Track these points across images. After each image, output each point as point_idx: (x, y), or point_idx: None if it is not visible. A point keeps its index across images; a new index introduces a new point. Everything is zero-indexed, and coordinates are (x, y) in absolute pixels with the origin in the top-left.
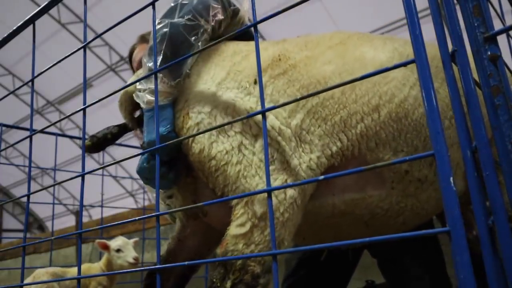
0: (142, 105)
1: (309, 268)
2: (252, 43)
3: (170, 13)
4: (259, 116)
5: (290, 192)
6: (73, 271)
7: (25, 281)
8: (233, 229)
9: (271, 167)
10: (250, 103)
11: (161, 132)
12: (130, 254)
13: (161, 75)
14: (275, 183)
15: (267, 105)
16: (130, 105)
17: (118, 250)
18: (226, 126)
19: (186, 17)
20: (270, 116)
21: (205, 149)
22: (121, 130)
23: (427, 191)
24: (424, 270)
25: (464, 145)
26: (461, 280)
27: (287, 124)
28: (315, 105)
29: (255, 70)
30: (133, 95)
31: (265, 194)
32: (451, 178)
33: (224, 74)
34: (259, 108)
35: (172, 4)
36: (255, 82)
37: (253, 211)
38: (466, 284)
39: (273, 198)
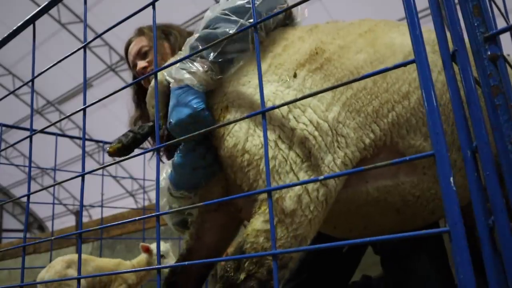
0: (173, 84)
1: (312, 271)
2: (289, 30)
3: (241, 12)
4: (297, 111)
5: (323, 190)
6: (97, 262)
7: (42, 272)
8: (258, 224)
9: (306, 163)
10: (290, 96)
11: (196, 106)
12: (171, 262)
13: (209, 63)
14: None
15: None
16: (166, 97)
17: (162, 256)
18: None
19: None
20: (309, 110)
21: (240, 142)
22: (150, 130)
23: (455, 178)
24: (431, 269)
25: (464, 145)
26: (461, 280)
27: (325, 118)
28: (350, 97)
29: (294, 64)
30: (166, 74)
31: (298, 191)
32: (451, 178)
33: (266, 66)
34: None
35: (246, 5)
36: (294, 76)
37: (281, 208)
38: (466, 284)
39: (305, 196)
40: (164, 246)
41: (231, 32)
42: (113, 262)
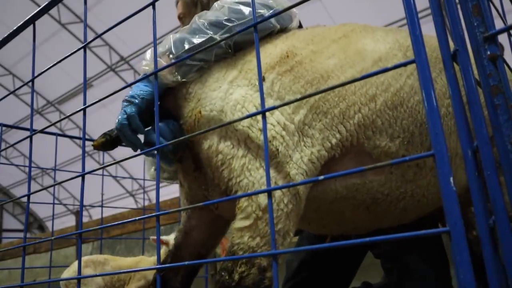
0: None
1: (312, 270)
2: (263, 39)
3: (217, 26)
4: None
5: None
6: (117, 261)
7: (65, 271)
8: (238, 222)
9: (275, 160)
10: (259, 99)
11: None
12: None
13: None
14: (279, 175)
15: (273, 102)
16: None
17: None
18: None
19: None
20: (276, 112)
21: (214, 144)
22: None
23: (426, 177)
24: (429, 269)
25: (465, 144)
26: (461, 280)
27: (291, 120)
28: (318, 100)
29: (264, 68)
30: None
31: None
32: (451, 178)
33: (236, 72)
34: (266, 104)
35: (224, 21)
36: (263, 79)
37: (257, 204)
38: (466, 284)
39: (278, 190)
40: (172, 235)
41: (195, 42)
42: (134, 260)
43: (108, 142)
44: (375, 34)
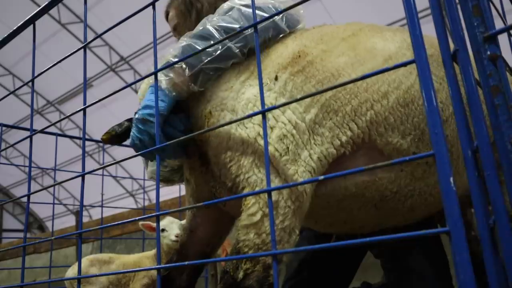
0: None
1: (312, 269)
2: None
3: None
4: (277, 111)
5: (301, 181)
6: (121, 259)
7: (69, 270)
8: (244, 219)
9: (285, 158)
10: (271, 98)
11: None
12: (172, 232)
13: (187, 75)
14: (289, 172)
15: (286, 101)
16: None
17: (162, 230)
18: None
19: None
20: (288, 111)
21: (223, 141)
22: None
23: (434, 175)
24: (429, 269)
25: (465, 144)
26: (461, 281)
27: (302, 119)
28: (329, 98)
29: (276, 67)
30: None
31: (279, 182)
32: (451, 178)
33: (248, 74)
34: (278, 103)
35: (238, 29)
36: (275, 79)
37: (264, 201)
38: (466, 284)
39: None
40: (167, 219)
41: (214, 54)
42: (137, 256)
43: (116, 135)
44: (384, 33)
